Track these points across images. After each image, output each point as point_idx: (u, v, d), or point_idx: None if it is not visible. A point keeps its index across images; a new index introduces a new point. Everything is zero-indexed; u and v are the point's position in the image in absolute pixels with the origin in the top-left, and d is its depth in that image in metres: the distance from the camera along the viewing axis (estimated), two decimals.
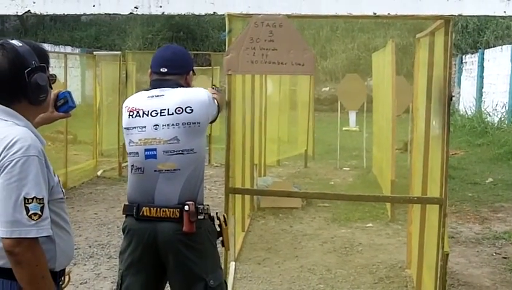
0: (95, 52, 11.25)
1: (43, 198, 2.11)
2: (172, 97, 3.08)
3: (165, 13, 8.61)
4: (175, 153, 3.01)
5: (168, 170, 3.01)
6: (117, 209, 7.87)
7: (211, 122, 3.26)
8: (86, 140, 11.23)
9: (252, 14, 3.79)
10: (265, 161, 9.07)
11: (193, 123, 3.04)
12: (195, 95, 3.11)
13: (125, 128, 3.15)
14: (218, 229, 3.26)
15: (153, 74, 3.21)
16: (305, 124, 11.08)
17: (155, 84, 3.18)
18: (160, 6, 8.47)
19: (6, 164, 2.08)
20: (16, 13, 8.95)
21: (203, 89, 3.21)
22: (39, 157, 2.13)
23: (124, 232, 3.17)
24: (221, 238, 3.28)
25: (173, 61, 3.19)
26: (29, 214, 2.08)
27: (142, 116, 3.07)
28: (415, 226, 5.43)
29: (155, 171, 3.03)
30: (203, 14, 8.58)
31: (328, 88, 17.54)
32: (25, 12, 8.79)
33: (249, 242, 6.46)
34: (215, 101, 3.24)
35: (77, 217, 7.51)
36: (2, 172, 2.08)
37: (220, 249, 3.38)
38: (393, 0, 6.04)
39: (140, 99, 3.16)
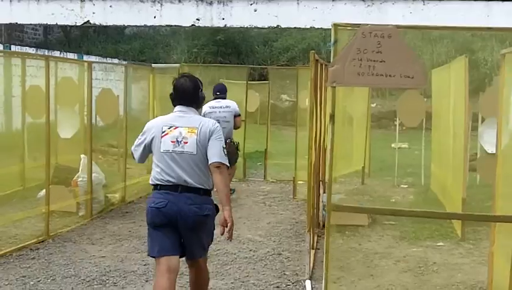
0: (153, 65, 11.22)
1: None
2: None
3: (227, 25, 8.53)
4: None
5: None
6: None
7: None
8: None
9: (359, 24, 3.66)
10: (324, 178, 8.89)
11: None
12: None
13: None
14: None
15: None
16: (360, 141, 10.88)
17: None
18: (223, 19, 8.41)
19: (213, 131, 4.27)
20: (74, 23, 8.93)
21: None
22: None
23: None
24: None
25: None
26: (224, 153, 4.28)
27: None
28: (502, 247, 5.22)
29: None
30: (266, 26, 8.50)
31: (374, 104, 17.31)
32: (84, 23, 8.78)
33: (319, 260, 6.29)
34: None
35: (140, 232, 7.42)
36: (212, 134, 4.25)
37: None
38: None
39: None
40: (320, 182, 7.78)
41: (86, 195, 7.95)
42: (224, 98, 9.28)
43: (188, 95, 4.31)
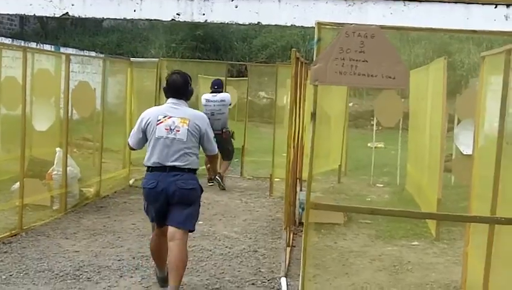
0: (131, 59, 11.12)
1: None
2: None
3: (208, 21, 8.45)
4: None
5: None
6: None
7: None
8: (111, 148, 11.07)
9: (343, 24, 3.65)
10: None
11: None
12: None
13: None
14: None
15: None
16: (338, 139, 10.92)
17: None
18: (203, 14, 8.31)
19: (206, 126, 5.07)
20: (53, 15, 8.74)
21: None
22: None
23: None
24: None
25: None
26: (214, 142, 5.22)
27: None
28: (477, 247, 5.28)
29: None
30: (247, 23, 8.45)
31: (351, 104, 17.38)
32: (63, 15, 8.61)
33: (295, 257, 6.29)
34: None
35: (115, 227, 7.37)
36: (206, 129, 5.05)
37: None
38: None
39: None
40: (297, 180, 7.80)
41: (60, 189, 7.86)
42: (221, 92, 10.21)
43: (179, 89, 5.09)
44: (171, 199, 4.93)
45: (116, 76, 10.68)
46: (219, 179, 9.84)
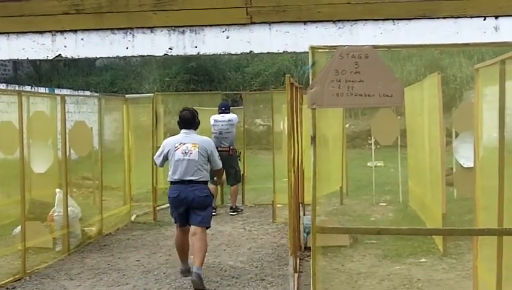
0: (126, 95, 11.14)
1: None
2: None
3: (201, 53, 8.48)
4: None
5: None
6: (159, 255, 7.67)
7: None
8: (111, 185, 11.02)
9: (336, 46, 3.66)
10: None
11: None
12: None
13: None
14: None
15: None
16: (337, 161, 10.89)
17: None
18: (196, 47, 8.35)
19: (211, 149, 6.60)
20: (46, 58, 8.77)
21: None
22: None
23: None
24: None
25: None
26: (219, 160, 6.77)
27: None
28: (486, 260, 5.23)
29: None
30: (239, 53, 8.47)
31: (348, 125, 17.41)
32: (56, 57, 8.65)
33: (303, 283, 6.23)
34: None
35: (119, 264, 7.31)
36: (211, 152, 6.58)
37: None
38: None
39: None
40: (300, 204, 7.76)
41: (62, 230, 7.80)
42: (228, 113, 10.77)
43: (189, 121, 6.66)
44: (191, 204, 6.40)
45: (112, 113, 10.68)
46: (235, 212, 10.38)
